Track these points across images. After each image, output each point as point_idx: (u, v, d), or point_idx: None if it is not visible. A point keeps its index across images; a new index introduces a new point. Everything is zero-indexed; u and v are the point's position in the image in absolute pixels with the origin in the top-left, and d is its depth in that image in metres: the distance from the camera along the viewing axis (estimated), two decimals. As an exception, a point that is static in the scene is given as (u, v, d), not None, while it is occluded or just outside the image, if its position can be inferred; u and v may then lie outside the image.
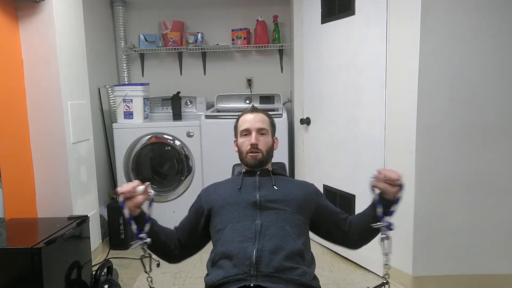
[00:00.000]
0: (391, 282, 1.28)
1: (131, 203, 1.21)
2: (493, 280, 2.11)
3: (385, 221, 1.26)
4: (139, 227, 1.24)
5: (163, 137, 3.04)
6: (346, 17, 2.40)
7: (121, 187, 1.20)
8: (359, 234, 1.35)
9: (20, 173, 2.19)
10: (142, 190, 1.21)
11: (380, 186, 1.25)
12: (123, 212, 1.21)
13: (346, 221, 1.38)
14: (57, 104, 2.25)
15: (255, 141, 1.42)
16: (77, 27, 2.49)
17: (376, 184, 1.26)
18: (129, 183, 1.23)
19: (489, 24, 1.95)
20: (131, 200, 1.21)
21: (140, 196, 1.21)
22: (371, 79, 2.25)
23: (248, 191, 1.36)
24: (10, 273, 1.66)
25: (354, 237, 1.36)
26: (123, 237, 2.80)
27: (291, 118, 3.13)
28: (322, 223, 1.40)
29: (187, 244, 1.38)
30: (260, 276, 1.11)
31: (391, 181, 1.23)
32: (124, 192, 1.19)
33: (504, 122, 2.02)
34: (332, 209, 1.42)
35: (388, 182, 1.23)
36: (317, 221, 1.39)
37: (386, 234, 1.25)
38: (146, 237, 1.24)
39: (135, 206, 1.22)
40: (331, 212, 1.41)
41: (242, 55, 3.61)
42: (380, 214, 1.27)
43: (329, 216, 1.40)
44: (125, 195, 1.20)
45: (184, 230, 1.39)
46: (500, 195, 2.07)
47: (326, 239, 1.46)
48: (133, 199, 1.21)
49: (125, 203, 1.21)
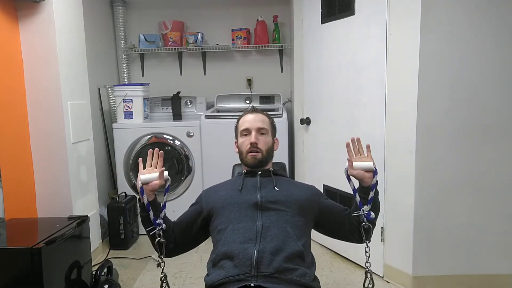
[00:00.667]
0: (391, 282, 1.28)
1: (148, 187, 1.26)
2: (493, 280, 2.11)
3: (364, 210, 1.30)
4: (155, 214, 1.28)
5: (163, 137, 3.04)
6: (346, 17, 2.40)
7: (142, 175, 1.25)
8: (355, 227, 1.37)
9: (20, 173, 2.19)
10: (157, 176, 1.26)
11: (354, 174, 1.31)
12: (142, 198, 1.26)
13: (348, 216, 1.39)
14: (57, 104, 2.25)
15: (254, 140, 1.42)
16: (77, 27, 2.49)
17: (351, 173, 1.32)
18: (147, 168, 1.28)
19: (489, 24, 1.95)
20: (148, 185, 1.26)
21: (156, 181, 1.26)
22: (371, 79, 2.25)
23: (249, 191, 1.36)
24: (10, 273, 1.66)
25: (356, 231, 1.37)
26: (123, 237, 2.80)
27: (291, 118, 3.13)
28: (326, 222, 1.42)
29: (180, 241, 1.39)
30: (261, 277, 1.12)
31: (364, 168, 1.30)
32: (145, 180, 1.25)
33: (504, 122, 2.02)
34: (334, 207, 1.43)
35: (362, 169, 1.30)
36: (321, 221, 1.41)
37: (365, 222, 1.29)
38: (162, 223, 1.28)
39: (151, 191, 1.27)
40: (334, 210, 1.42)
41: (242, 55, 3.61)
42: (358, 202, 1.32)
43: (332, 215, 1.41)
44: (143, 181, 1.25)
45: (180, 226, 1.40)
46: (500, 195, 2.07)
47: (332, 236, 1.47)
48: (149, 184, 1.26)
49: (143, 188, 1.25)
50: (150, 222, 1.29)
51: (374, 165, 1.31)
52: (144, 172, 1.27)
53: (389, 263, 2.25)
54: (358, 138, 1.37)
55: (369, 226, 1.29)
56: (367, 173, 1.31)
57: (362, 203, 1.31)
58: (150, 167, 1.29)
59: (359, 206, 1.31)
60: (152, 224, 1.28)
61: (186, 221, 1.41)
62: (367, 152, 1.36)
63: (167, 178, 1.31)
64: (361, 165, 1.32)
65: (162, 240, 1.27)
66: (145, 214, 1.29)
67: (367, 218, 1.29)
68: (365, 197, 1.32)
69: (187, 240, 1.41)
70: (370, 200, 1.30)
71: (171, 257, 1.40)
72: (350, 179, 1.34)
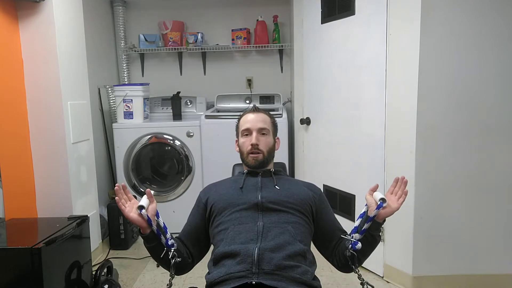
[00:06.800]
0: (391, 282, 1.28)
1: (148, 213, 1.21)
2: (493, 280, 2.11)
3: (354, 238, 1.24)
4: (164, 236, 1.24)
5: (163, 137, 3.04)
6: (346, 17, 2.40)
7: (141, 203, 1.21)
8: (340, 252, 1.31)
9: (20, 173, 2.19)
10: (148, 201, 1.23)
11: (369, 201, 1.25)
12: (153, 227, 1.21)
13: (339, 238, 1.34)
14: (57, 104, 2.25)
15: (255, 141, 1.42)
16: (77, 27, 2.49)
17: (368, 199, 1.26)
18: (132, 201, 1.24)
19: (489, 24, 1.95)
20: (147, 211, 1.21)
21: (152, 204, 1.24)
22: (371, 79, 2.25)
23: (250, 191, 1.36)
24: (10, 273, 1.66)
25: (336, 256, 1.33)
26: (123, 237, 2.80)
27: (291, 118, 3.13)
28: (317, 229, 1.37)
29: (196, 251, 1.37)
30: (262, 274, 1.11)
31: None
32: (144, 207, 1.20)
33: (504, 122, 2.02)
34: (331, 220, 1.39)
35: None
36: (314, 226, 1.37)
37: (349, 249, 1.23)
38: (173, 242, 1.25)
39: (152, 215, 1.22)
40: (329, 222, 1.38)
41: (242, 55, 3.61)
42: (354, 227, 1.26)
43: (325, 225, 1.37)
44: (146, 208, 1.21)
45: (190, 237, 1.37)
46: (500, 195, 2.07)
47: (317, 247, 1.41)
48: (148, 210, 1.22)
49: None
50: (161, 248, 1.23)
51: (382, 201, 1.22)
52: (133, 205, 1.22)
53: (389, 263, 2.25)
54: (405, 181, 1.26)
55: (352, 253, 1.22)
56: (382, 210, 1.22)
57: (357, 229, 1.26)
58: (129, 202, 1.24)
59: (352, 230, 1.27)
60: (163, 249, 1.23)
61: (194, 229, 1.38)
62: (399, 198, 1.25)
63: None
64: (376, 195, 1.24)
65: (178, 259, 1.22)
66: (153, 244, 1.24)
67: (352, 246, 1.23)
68: (361, 225, 1.25)
69: (200, 248, 1.39)
70: (363, 230, 1.23)
71: (191, 269, 1.37)
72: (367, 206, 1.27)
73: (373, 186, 1.28)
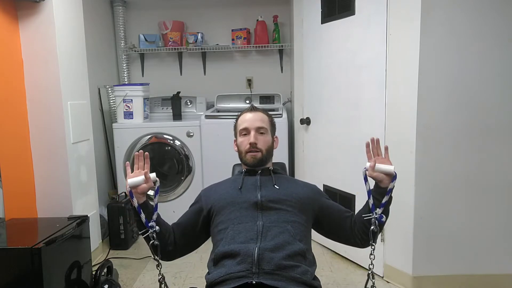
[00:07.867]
0: (391, 282, 1.28)
1: (137, 190, 1.26)
2: (493, 280, 2.11)
3: (377, 213, 1.26)
4: (147, 217, 1.27)
5: (163, 137, 3.05)
6: (346, 17, 2.40)
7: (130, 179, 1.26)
8: (361, 231, 1.33)
9: (20, 173, 2.19)
10: (143, 179, 1.26)
11: (374, 175, 1.27)
12: (132, 201, 1.26)
13: (351, 219, 1.37)
14: (57, 104, 2.25)
15: (254, 140, 1.42)
16: (77, 27, 2.49)
17: (371, 174, 1.28)
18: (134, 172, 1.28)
19: (489, 24, 1.95)
20: (137, 188, 1.26)
21: (144, 184, 1.26)
22: (371, 79, 2.25)
23: (249, 191, 1.36)
24: (10, 273, 1.66)
25: (358, 235, 1.34)
26: (123, 237, 2.80)
27: (291, 118, 3.13)
28: (326, 222, 1.40)
29: (181, 243, 1.38)
30: (262, 274, 1.12)
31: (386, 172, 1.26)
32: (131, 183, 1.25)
33: (504, 122, 2.02)
34: (335, 208, 1.41)
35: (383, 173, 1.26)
36: (321, 221, 1.39)
37: (376, 225, 1.26)
38: (155, 225, 1.27)
39: (140, 194, 1.27)
40: (335, 211, 1.40)
41: (242, 55, 3.61)
42: (372, 205, 1.28)
43: (332, 215, 1.39)
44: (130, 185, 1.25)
45: (180, 228, 1.39)
46: (500, 195, 2.07)
47: (331, 238, 1.45)
48: (138, 188, 1.26)
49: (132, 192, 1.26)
50: (143, 225, 1.27)
51: (394, 170, 1.26)
52: (131, 176, 1.27)
53: (389, 263, 2.25)
54: (377, 139, 1.32)
55: (377, 229, 1.26)
56: (386, 176, 1.27)
57: (375, 205, 1.27)
58: (137, 170, 1.29)
59: (371, 208, 1.27)
60: (145, 227, 1.27)
61: (186, 222, 1.40)
62: (385, 154, 1.32)
63: (155, 179, 1.29)
64: (383, 168, 1.26)
65: (156, 242, 1.26)
66: (138, 217, 1.27)
67: (378, 221, 1.25)
68: (379, 198, 1.28)
69: (187, 242, 1.40)
70: (384, 203, 1.26)
71: (172, 259, 1.39)
72: (367, 180, 1.30)
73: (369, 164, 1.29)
